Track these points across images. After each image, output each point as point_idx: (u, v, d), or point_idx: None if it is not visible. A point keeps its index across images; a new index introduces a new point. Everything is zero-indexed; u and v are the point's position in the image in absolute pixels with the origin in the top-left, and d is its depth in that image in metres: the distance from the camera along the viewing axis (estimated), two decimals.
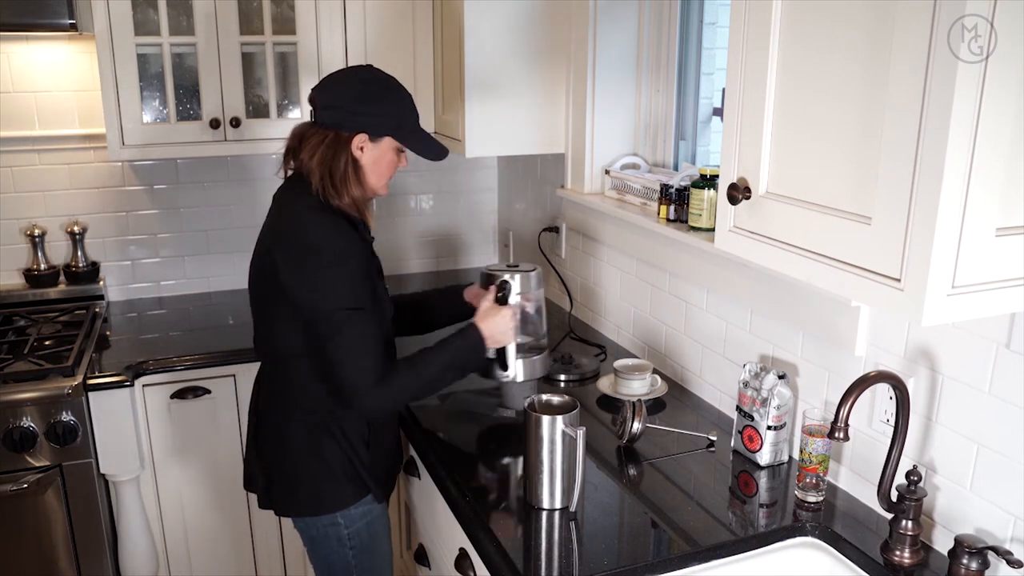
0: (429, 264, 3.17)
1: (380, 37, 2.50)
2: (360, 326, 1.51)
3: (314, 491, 1.66)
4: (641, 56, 2.29)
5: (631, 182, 2.21)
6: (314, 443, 1.64)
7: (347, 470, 1.65)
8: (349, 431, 1.64)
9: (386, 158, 1.62)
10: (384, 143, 1.60)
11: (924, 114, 0.90)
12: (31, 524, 2.12)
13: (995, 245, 0.95)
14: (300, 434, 1.64)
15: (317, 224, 1.54)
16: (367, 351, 1.52)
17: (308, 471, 1.65)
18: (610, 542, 1.41)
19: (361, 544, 1.72)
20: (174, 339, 2.46)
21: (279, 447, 1.68)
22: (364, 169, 1.60)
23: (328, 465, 1.64)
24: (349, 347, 1.51)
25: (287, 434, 1.66)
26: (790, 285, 1.61)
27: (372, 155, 1.60)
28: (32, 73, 2.53)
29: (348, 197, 1.58)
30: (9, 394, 2.04)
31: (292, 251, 1.54)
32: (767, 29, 1.12)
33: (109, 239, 2.73)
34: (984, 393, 1.29)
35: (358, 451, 1.65)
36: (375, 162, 1.61)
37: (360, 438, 1.66)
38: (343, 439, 1.64)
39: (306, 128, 1.61)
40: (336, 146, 1.57)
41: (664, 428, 1.82)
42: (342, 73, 1.66)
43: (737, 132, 1.20)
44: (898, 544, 1.34)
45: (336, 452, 1.64)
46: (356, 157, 1.58)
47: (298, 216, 1.56)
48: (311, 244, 1.52)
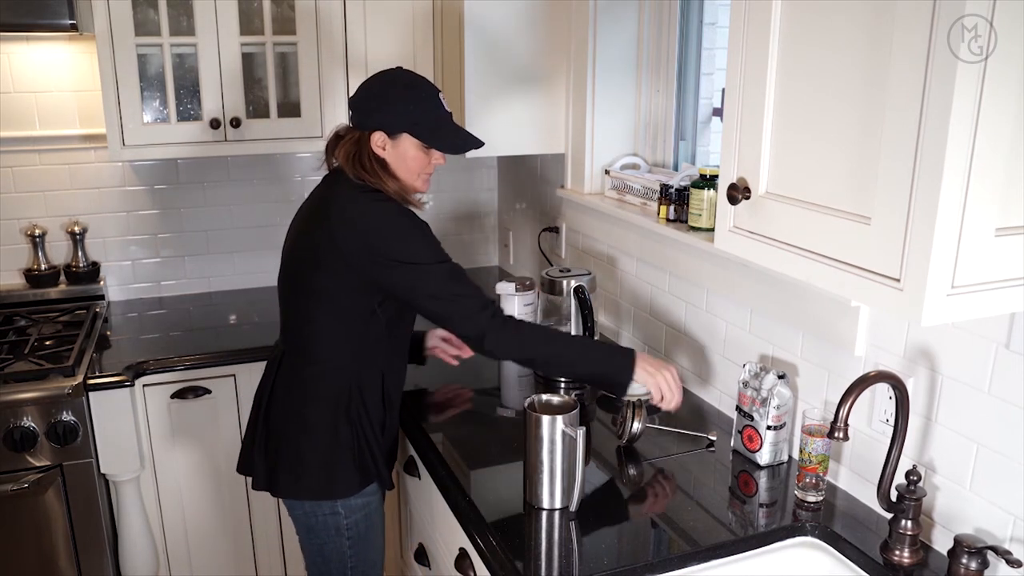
0: None
1: (380, 37, 2.50)
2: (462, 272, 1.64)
3: (323, 475, 1.68)
4: (641, 56, 2.29)
5: (631, 182, 2.21)
6: (331, 426, 1.67)
7: (359, 456, 1.68)
8: (369, 416, 1.69)
9: (410, 154, 1.65)
10: (404, 140, 1.64)
11: (924, 114, 0.90)
12: (31, 524, 2.12)
13: (995, 245, 0.95)
14: (318, 417, 1.68)
15: (374, 200, 1.62)
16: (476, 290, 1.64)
17: (320, 455, 1.68)
18: (610, 542, 1.41)
19: (358, 535, 1.74)
20: (174, 339, 2.46)
21: (294, 429, 1.70)
22: (391, 166, 1.65)
23: (341, 449, 1.67)
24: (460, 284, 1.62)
25: (305, 417, 1.69)
26: (790, 285, 1.61)
27: (395, 152, 1.64)
28: (32, 73, 2.54)
29: (387, 187, 1.64)
30: (9, 394, 2.04)
31: (355, 225, 1.60)
32: (767, 29, 1.12)
33: (109, 239, 2.73)
34: (984, 393, 1.29)
35: (375, 436, 1.70)
36: (400, 159, 1.65)
37: (379, 423, 1.72)
38: (361, 424, 1.68)
39: (342, 127, 1.70)
40: (360, 144, 1.64)
41: (665, 428, 1.82)
42: (372, 76, 1.71)
43: (737, 132, 1.20)
44: (898, 544, 1.35)
45: (351, 437, 1.68)
46: (379, 154, 1.64)
47: (352, 196, 1.62)
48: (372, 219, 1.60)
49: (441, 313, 1.63)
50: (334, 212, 1.61)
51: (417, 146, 1.65)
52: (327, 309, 1.66)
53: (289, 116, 2.50)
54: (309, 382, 1.69)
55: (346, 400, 1.67)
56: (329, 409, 1.67)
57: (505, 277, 2.38)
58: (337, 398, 1.67)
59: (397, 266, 1.58)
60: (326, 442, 1.67)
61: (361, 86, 1.69)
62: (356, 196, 1.62)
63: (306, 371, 1.70)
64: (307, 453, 1.68)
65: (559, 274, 2.09)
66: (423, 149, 1.66)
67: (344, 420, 1.67)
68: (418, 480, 1.90)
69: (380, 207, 1.62)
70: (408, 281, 1.60)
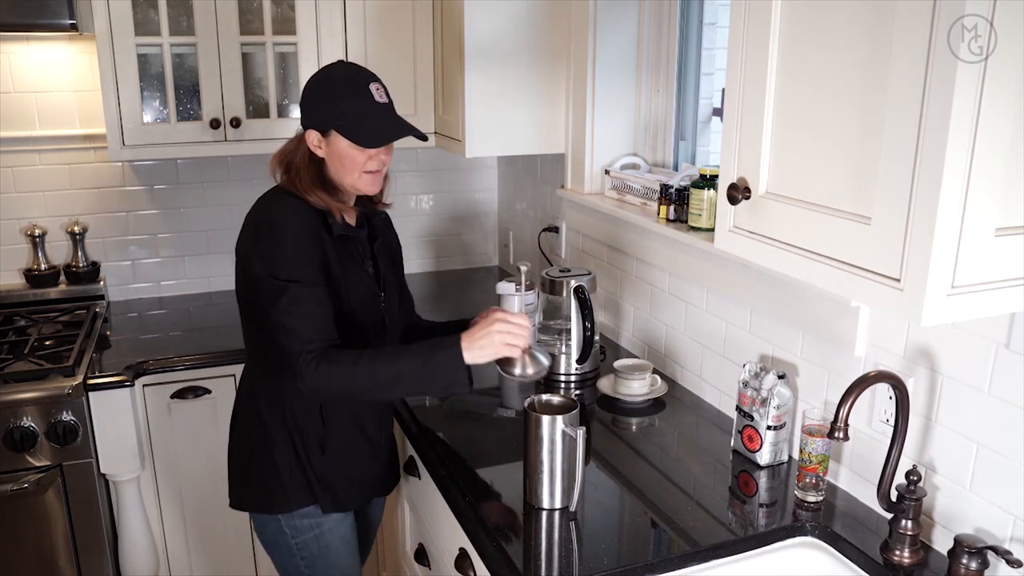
0: (429, 264, 3.17)
1: (380, 37, 2.50)
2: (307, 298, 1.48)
3: (261, 489, 1.68)
4: (641, 56, 2.29)
5: (631, 182, 2.21)
6: (267, 441, 1.65)
7: (294, 474, 1.65)
8: (305, 434, 1.65)
9: (343, 152, 1.55)
10: (335, 138, 1.55)
11: (924, 114, 0.90)
12: (31, 524, 2.12)
13: (995, 245, 0.95)
14: (256, 431, 1.67)
15: (267, 201, 1.58)
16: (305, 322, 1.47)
17: (259, 469, 1.67)
18: (610, 542, 1.41)
19: (312, 555, 1.71)
20: (174, 339, 2.46)
21: (239, 441, 1.73)
22: (328, 167, 1.59)
23: (276, 465, 1.65)
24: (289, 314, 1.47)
25: (246, 430, 1.70)
26: (790, 285, 1.61)
27: (329, 151, 1.57)
28: (32, 73, 2.54)
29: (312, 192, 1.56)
30: (9, 394, 2.04)
31: (244, 229, 1.58)
32: (767, 29, 1.12)
33: (109, 239, 2.73)
34: (984, 393, 1.29)
35: (310, 456, 1.65)
36: (335, 158, 1.57)
37: (316, 442, 1.66)
38: (296, 441, 1.64)
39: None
40: (298, 144, 1.60)
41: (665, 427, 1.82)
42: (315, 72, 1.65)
43: (737, 132, 1.20)
44: (898, 544, 1.34)
45: (286, 454, 1.64)
46: (316, 154, 1.58)
47: (257, 202, 1.60)
48: (257, 217, 1.56)
49: (275, 336, 1.49)
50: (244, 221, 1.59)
51: (349, 143, 1.55)
52: (248, 318, 1.64)
53: (289, 116, 2.50)
54: (247, 397, 1.70)
55: (280, 416, 1.64)
56: (262, 424, 1.66)
57: (505, 277, 2.38)
58: (271, 413, 1.64)
59: (249, 264, 1.54)
60: (263, 455, 1.66)
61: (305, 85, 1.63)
62: (263, 196, 1.60)
63: (246, 386, 1.72)
64: (249, 465, 1.70)
65: (559, 274, 2.09)
66: (355, 146, 1.55)
67: (280, 435, 1.64)
68: (418, 480, 1.89)
69: (266, 202, 1.58)
70: (254, 285, 1.54)
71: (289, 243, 1.50)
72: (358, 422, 1.71)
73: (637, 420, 1.89)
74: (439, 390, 1.60)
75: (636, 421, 1.88)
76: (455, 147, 2.43)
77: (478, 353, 1.47)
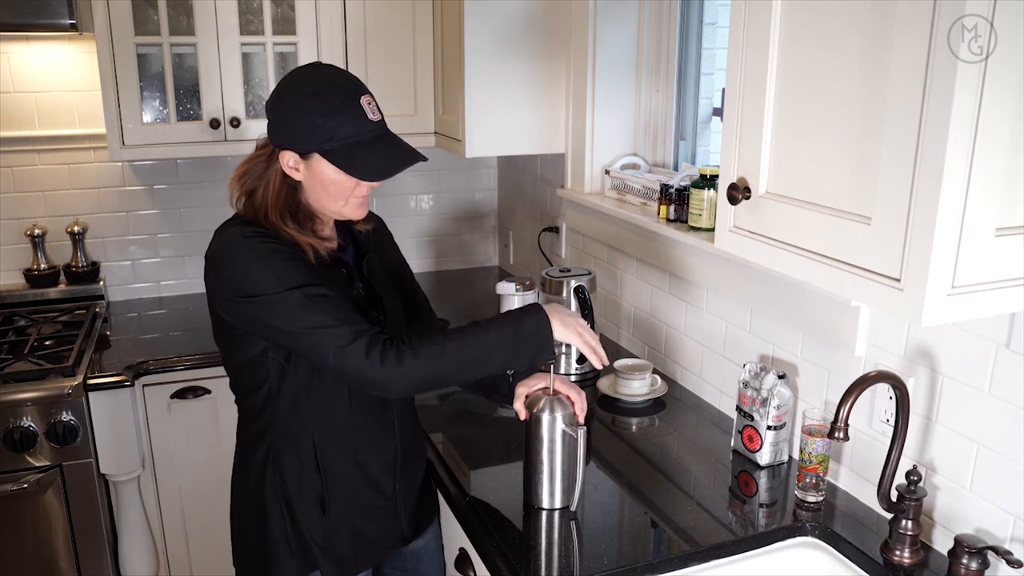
0: (429, 264, 3.17)
1: (380, 37, 2.50)
2: (318, 295, 1.29)
3: (257, 561, 1.47)
4: (641, 56, 2.29)
5: (631, 182, 2.21)
6: (258, 505, 1.44)
7: (291, 541, 1.43)
8: (296, 490, 1.42)
9: (329, 178, 1.33)
10: (318, 161, 1.32)
11: (924, 114, 0.90)
12: (31, 524, 2.12)
13: (995, 245, 0.95)
14: (245, 494, 1.47)
15: (228, 233, 1.35)
16: (334, 314, 1.28)
17: (253, 538, 1.46)
18: (610, 542, 1.41)
19: None
20: (174, 339, 2.46)
21: (232, 506, 1.53)
22: (307, 192, 1.36)
23: (269, 533, 1.43)
24: (312, 313, 1.28)
25: (238, 496, 1.51)
26: (790, 285, 1.61)
27: (309, 175, 1.34)
28: (32, 73, 2.54)
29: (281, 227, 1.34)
30: (9, 394, 2.04)
31: (208, 267, 1.36)
32: (767, 29, 1.12)
33: (109, 239, 2.73)
34: (984, 393, 1.29)
35: (311, 517, 1.42)
36: (316, 183, 1.34)
37: (314, 499, 1.43)
38: (288, 501, 1.42)
39: (262, 139, 1.40)
40: (266, 164, 1.36)
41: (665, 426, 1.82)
42: (285, 76, 1.38)
43: (737, 132, 1.20)
44: (898, 544, 1.34)
45: (279, 518, 1.42)
46: (292, 176, 1.35)
47: (214, 237, 1.38)
48: (220, 250, 1.34)
49: (306, 352, 1.30)
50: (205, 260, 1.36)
51: (335, 168, 1.32)
52: (230, 366, 1.44)
53: None
54: (240, 453, 1.49)
55: (271, 473, 1.42)
56: (251, 485, 1.45)
57: (505, 277, 2.38)
58: (261, 469, 1.43)
59: (243, 302, 1.30)
60: (255, 522, 1.45)
61: (275, 88, 1.36)
62: (220, 229, 1.37)
63: (238, 442, 1.51)
64: (243, 533, 1.50)
65: (559, 274, 2.09)
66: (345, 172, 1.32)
67: (272, 497, 1.42)
68: None
69: (226, 235, 1.34)
70: (261, 318, 1.30)
71: (267, 259, 1.30)
72: (362, 470, 1.47)
73: (637, 420, 1.89)
74: (527, 360, 1.37)
75: (636, 421, 1.89)
76: (455, 147, 2.43)
77: (559, 319, 1.35)
